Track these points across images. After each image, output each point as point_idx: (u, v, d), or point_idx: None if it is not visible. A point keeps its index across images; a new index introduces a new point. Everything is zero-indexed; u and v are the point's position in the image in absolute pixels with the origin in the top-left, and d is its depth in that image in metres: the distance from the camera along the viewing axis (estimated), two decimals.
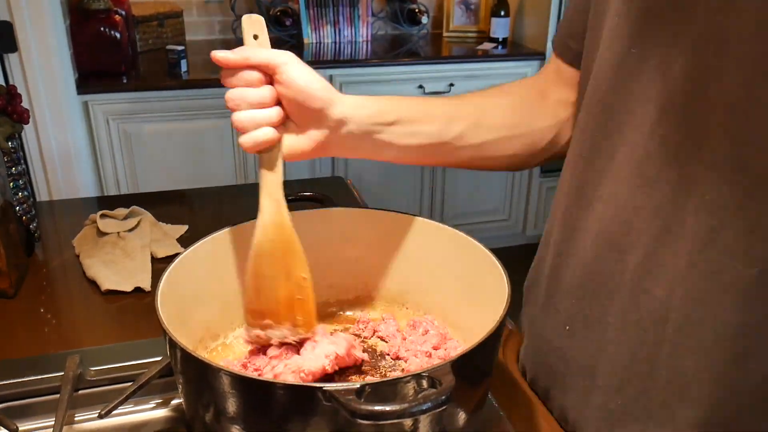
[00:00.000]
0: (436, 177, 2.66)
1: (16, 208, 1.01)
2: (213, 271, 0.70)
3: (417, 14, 2.82)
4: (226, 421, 0.53)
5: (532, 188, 2.79)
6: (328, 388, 0.47)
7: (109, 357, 0.75)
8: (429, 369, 0.49)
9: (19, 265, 0.96)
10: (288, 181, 0.62)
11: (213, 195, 1.32)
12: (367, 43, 2.71)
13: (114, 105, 2.12)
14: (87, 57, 2.13)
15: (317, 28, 2.67)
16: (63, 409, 0.66)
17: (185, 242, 1.02)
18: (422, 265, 0.74)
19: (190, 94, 2.17)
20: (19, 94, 1.00)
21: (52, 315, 0.90)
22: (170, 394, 0.73)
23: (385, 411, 0.45)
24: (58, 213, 1.27)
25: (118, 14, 2.18)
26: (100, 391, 0.72)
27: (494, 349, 0.61)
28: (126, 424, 0.70)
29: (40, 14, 1.85)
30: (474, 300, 0.68)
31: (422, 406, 0.46)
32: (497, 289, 0.62)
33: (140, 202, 1.14)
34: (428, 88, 2.48)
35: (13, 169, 1.00)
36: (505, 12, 2.70)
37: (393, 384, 0.50)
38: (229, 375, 0.50)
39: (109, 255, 1.01)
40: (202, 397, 0.55)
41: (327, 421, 0.49)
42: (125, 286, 0.94)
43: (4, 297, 0.92)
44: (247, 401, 0.52)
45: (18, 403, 0.70)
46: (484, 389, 0.60)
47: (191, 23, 2.68)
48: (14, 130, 0.98)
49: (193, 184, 1.49)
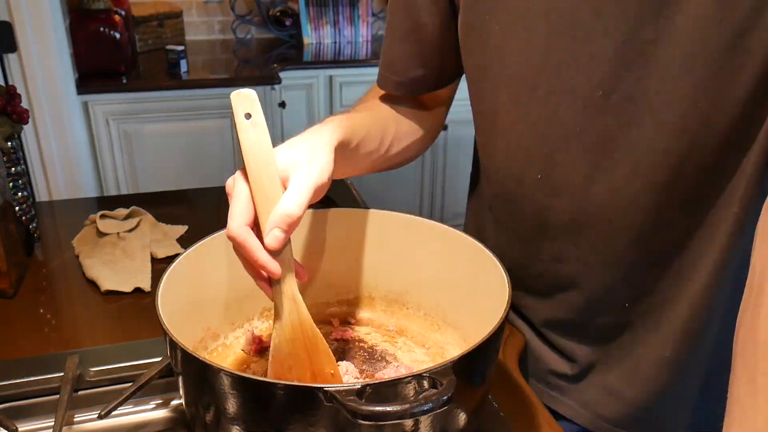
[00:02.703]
0: (436, 177, 2.66)
1: (16, 208, 1.01)
2: (213, 271, 0.70)
3: None
4: (226, 422, 0.53)
5: None
6: (329, 388, 0.47)
7: (109, 357, 0.75)
8: (430, 369, 0.49)
9: (18, 265, 0.96)
10: None
11: (213, 195, 1.31)
12: (367, 43, 2.71)
13: (114, 105, 2.12)
14: (87, 57, 2.13)
15: (317, 28, 2.67)
16: (63, 410, 0.66)
17: (185, 242, 1.02)
18: (422, 265, 0.74)
19: (190, 94, 2.17)
20: (18, 94, 1.00)
21: (51, 315, 0.90)
22: (170, 395, 0.73)
23: (386, 411, 0.45)
24: (58, 213, 1.27)
25: (117, 14, 2.18)
26: (100, 392, 0.72)
27: (495, 349, 0.61)
28: (126, 425, 0.70)
29: (39, 14, 1.85)
30: (474, 300, 0.68)
31: (423, 406, 0.46)
32: (497, 289, 0.62)
33: (140, 202, 1.14)
34: None
35: (13, 169, 1.00)
36: None
37: (394, 384, 0.50)
38: (230, 375, 0.50)
39: (109, 255, 1.01)
40: (203, 397, 0.55)
41: (328, 421, 0.49)
42: (125, 287, 0.94)
43: (4, 297, 0.92)
44: (248, 402, 0.52)
45: (18, 403, 0.70)
46: (484, 389, 0.60)
47: (191, 23, 2.68)
48: (14, 130, 0.98)
49: (193, 184, 1.50)
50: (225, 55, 2.56)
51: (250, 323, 0.75)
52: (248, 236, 0.53)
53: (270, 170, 0.54)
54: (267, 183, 0.54)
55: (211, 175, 2.26)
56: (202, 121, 2.22)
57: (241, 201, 0.54)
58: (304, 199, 0.54)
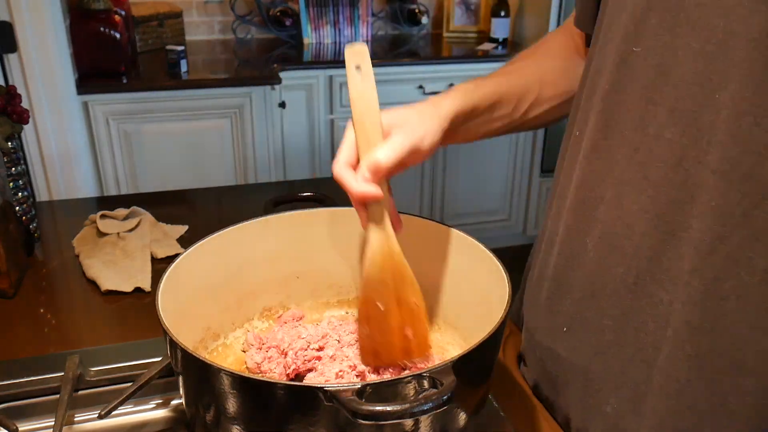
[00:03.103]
0: (436, 177, 2.66)
1: (16, 208, 1.01)
2: (213, 271, 0.70)
3: (417, 14, 2.82)
4: (226, 422, 0.53)
5: (532, 188, 2.79)
6: (329, 388, 0.47)
7: (109, 357, 0.75)
8: (430, 369, 0.49)
9: (19, 265, 0.96)
10: (288, 182, 0.63)
11: (213, 195, 1.31)
12: (367, 43, 2.71)
13: (114, 105, 2.12)
14: (87, 57, 2.13)
15: (317, 28, 2.67)
16: (63, 410, 0.66)
17: (185, 242, 1.02)
18: (422, 265, 0.73)
19: (190, 94, 2.17)
20: (18, 94, 1.00)
21: (51, 315, 0.90)
22: (170, 395, 0.73)
23: (386, 411, 0.45)
24: (58, 213, 1.27)
25: (117, 14, 2.17)
26: (100, 392, 0.72)
27: (495, 349, 0.61)
28: (126, 425, 0.70)
29: (39, 14, 1.85)
30: (474, 300, 0.68)
31: (423, 406, 0.46)
32: (497, 289, 0.62)
33: (140, 202, 1.14)
34: (428, 89, 2.47)
35: (13, 169, 1.00)
36: (506, 12, 2.70)
37: (394, 384, 0.50)
38: (230, 375, 0.50)
39: (109, 255, 1.01)
40: (203, 397, 0.55)
41: (328, 421, 0.49)
42: (125, 287, 0.94)
43: (4, 297, 0.92)
44: (248, 401, 0.52)
45: (18, 403, 0.70)
46: (484, 389, 0.60)
47: (191, 23, 2.68)
48: (14, 130, 0.98)
49: (193, 184, 1.50)
50: (225, 55, 2.56)
51: (250, 323, 0.75)
52: (346, 173, 0.61)
53: (373, 118, 0.61)
54: (369, 128, 0.60)
55: (211, 175, 2.26)
56: (202, 121, 2.21)
57: (347, 144, 0.62)
58: (396, 154, 0.60)
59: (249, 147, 2.28)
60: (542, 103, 0.76)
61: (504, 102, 0.72)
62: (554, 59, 0.78)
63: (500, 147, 2.69)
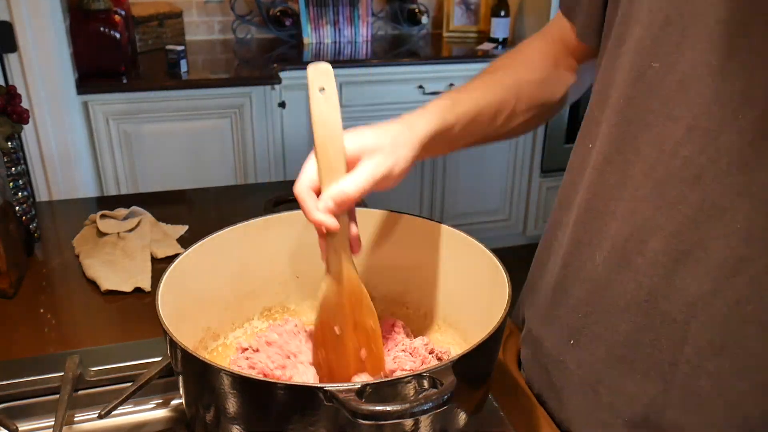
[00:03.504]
0: (436, 177, 2.66)
1: (16, 208, 1.01)
2: (213, 271, 0.70)
3: (417, 14, 2.82)
4: (226, 422, 0.53)
5: (532, 188, 2.79)
6: (329, 388, 0.47)
7: (109, 357, 0.75)
8: (430, 369, 0.49)
9: (18, 265, 0.96)
10: (288, 182, 0.63)
11: (213, 195, 1.31)
12: (367, 43, 2.71)
13: (114, 105, 2.12)
14: (87, 57, 2.13)
15: (317, 28, 2.66)
16: (63, 410, 0.66)
17: (185, 242, 1.02)
18: (422, 265, 0.74)
19: (190, 94, 2.17)
20: (18, 94, 1.00)
21: (51, 315, 0.90)
22: (170, 394, 0.73)
23: (386, 411, 0.45)
24: (58, 213, 1.27)
25: (117, 14, 2.17)
26: (100, 392, 0.72)
27: (495, 349, 0.61)
28: (126, 425, 0.70)
29: (39, 14, 1.85)
30: (474, 300, 0.68)
31: (423, 406, 0.46)
32: (497, 289, 0.62)
33: (140, 202, 1.14)
34: (428, 89, 2.47)
35: (13, 169, 1.00)
36: (506, 12, 2.70)
37: (394, 384, 0.50)
38: (230, 375, 0.50)
39: (109, 255, 1.01)
40: (203, 397, 0.55)
41: (328, 421, 0.49)
42: (125, 287, 0.94)
43: (4, 297, 0.92)
44: (248, 401, 0.52)
45: (18, 403, 0.70)
46: (484, 390, 0.60)
47: (191, 23, 2.68)
48: (14, 130, 0.98)
49: (193, 184, 1.50)
50: (225, 55, 2.56)
51: (250, 323, 0.75)
52: (307, 197, 0.59)
53: (336, 144, 0.58)
54: (332, 155, 0.58)
55: (211, 175, 2.26)
56: (202, 121, 2.21)
57: (309, 166, 0.60)
58: (364, 185, 0.58)
59: (249, 147, 2.28)
60: (517, 116, 0.74)
61: (480, 119, 0.70)
62: (533, 71, 0.76)
63: (500, 147, 2.69)
